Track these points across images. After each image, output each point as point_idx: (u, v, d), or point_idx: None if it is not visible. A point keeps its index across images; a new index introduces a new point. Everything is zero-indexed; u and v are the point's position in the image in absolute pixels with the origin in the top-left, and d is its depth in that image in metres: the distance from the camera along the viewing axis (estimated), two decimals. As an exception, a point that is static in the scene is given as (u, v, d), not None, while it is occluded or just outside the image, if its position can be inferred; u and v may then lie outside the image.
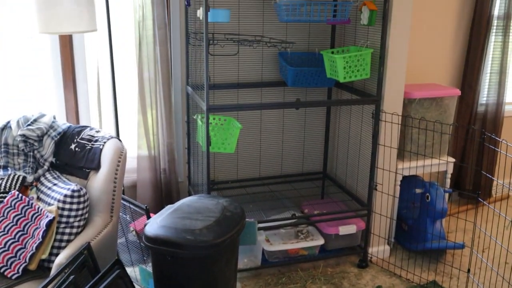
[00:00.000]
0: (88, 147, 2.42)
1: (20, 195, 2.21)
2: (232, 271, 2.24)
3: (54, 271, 2.04)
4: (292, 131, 3.42)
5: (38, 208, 2.19)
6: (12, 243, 2.10)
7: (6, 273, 2.07)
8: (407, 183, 3.26)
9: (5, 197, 2.24)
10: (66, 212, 2.18)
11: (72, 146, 2.45)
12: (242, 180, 3.38)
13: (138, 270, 2.81)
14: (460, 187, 3.91)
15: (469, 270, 3.00)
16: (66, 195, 2.19)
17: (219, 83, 3.15)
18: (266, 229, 2.88)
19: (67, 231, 2.18)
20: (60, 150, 2.47)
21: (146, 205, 2.67)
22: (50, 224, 2.12)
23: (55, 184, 2.32)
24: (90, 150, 2.41)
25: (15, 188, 2.30)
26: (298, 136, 3.45)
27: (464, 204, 3.94)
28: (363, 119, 3.09)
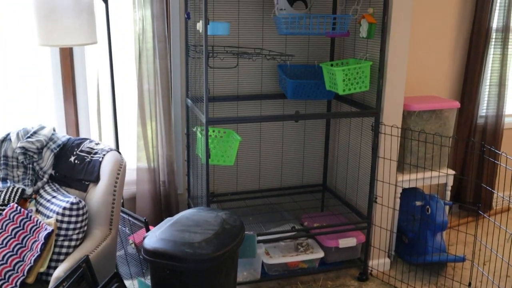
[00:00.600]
0: (88, 160, 2.41)
1: (18, 208, 2.20)
2: (231, 285, 2.22)
3: (52, 284, 2.03)
4: (292, 143, 3.42)
5: (37, 221, 2.18)
6: (10, 256, 2.09)
7: (3, 286, 2.06)
8: (407, 196, 3.25)
9: (3, 209, 2.23)
10: (64, 225, 2.17)
11: (72, 159, 2.45)
12: (241, 193, 3.38)
13: (137, 283, 2.79)
14: (461, 199, 3.90)
15: (470, 284, 2.98)
16: (65, 208, 2.18)
17: (218, 96, 3.16)
18: (265, 241, 2.87)
19: (66, 244, 2.17)
20: (60, 162, 2.47)
21: (145, 217, 2.66)
22: (48, 237, 2.12)
23: (54, 197, 2.31)
24: (89, 162, 2.40)
25: (14, 200, 2.30)
26: (298, 149, 3.45)
27: (464, 217, 3.93)
28: (363, 131, 3.09)
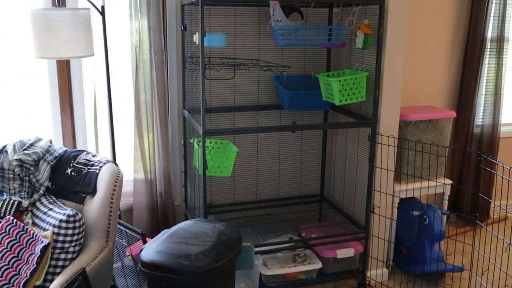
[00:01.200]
0: (84, 172, 2.41)
1: (14, 221, 2.19)
2: (229, 297, 2.21)
3: (48, 298, 2.02)
4: (289, 154, 3.43)
5: (33, 234, 2.17)
6: (6, 269, 2.08)
7: (-1, 300, 2.05)
8: (405, 206, 3.25)
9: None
10: (61, 238, 2.16)
11: (68, 171, 2.44)
12: (239, 204, 3.37)
13: (134, 296, 2.77)
14: (458, 209, 3.90)
15: (468, 294, 2.97)
16: (61, 220, 2.17)
17: (215, 107, 3.17)
18: (263, 253, 2.86)
19: (62, 256, 2.16)
20: (56, 174, 2.46)
21: (142, 229, 2.65)
22: (44, 249, 2.10)
23: (50, 209, 2.30)
24: (86, 174, 2.40)
25: (10, 213, 2.29)
26: (295, 159, 3.45)
27: (462, 226, 3.92)
28: (360, 141, 3.09)
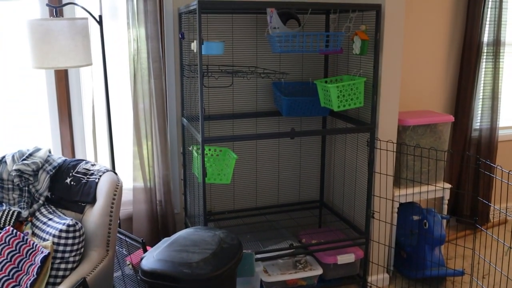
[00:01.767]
0: (84, 181, 2.41)
1: (14, 231, 2.19)
2: (230, 304, 2.20)
3: (48, 308, 2.01)
4: (288, 160, 3.43)
5: (33, 244, 2.16)
6: (6, 280, 2.07)
7: (-1, 311, 2.04)
8: (404, 210, 3.25)
9: (-1, 233, 2.21)
10: (61, 247, 2.16)
11: (68, 180, 2.44)
12: (239, 211, 3.37)
13: (134, 305, 2.76)
14: (458, 213, 3.90)
15: (470, 298, 2.97)
16: (61, 230, 2.17)
17: (214, 114, 3.17)
18: (264, 259, 2.86)
19: (63, 266, 2.16)
20: (56, 184, 2.46)
21: (142, 238, 2.64)
22: (45, 260, 2.10)
23: (50, 219, 2.30)
24: (85, 183, 2.40)
25: (9, 224, 2.28)
26: (294, 165, 3.45)
27: (462, 230, 3.92)
28: (358, 147, 3.10)
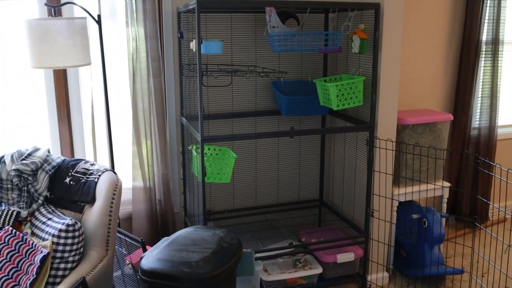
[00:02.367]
0: (83, 181, 2.41)
1: (14, 231, 2.19)
2: (230, 304, 2.21)
3: (48, 308, 2.01)
4: (288, 159, 3.43)
5: (32, 244, 2.16)
6: (5, 280, 2.07)
7: (-1, 311, 2.04)
8: (404, 209, 3.26)
9: (-2, 233, 2.21)
10: (60, 247, 2.16)
11: (67, 180, 2.44)
12: (238, 210, 3.37)
13: (134, 304, 2.76)
14: (457, 211, 3.91)
15: (469, 296, 2.98)
16: (60, 230, 2.17)
17: (213, 113, 3.17)
18: (263, 258, 2.86)
19: (62, 266, 2.15)
20: (55, 184, 2.46)
21: (141, 237, 2.64)
22: (44, 259, 2.10)
23: (49, 219, 2.30)
24: (85, 183, 2.39)
25: (9, 223, 2.28)
26: (294, 164, 3.45)
27: (461, 229, 3.93)
28: (358, 146, 3.10)
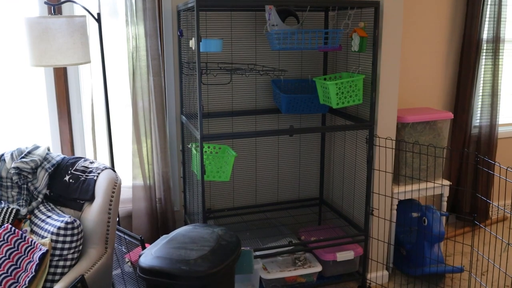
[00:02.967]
0: (82, 179, 2.41)
1: (13, 229, 2.19)
2: (228, 301, 2.21)
3: (47, 305, 2.02)
4: (288, 157, 3.43)
5: (31, 241, 2.17)
6: (4, 277, 2.08)
7: (-2, 308, 2.04)
8: (404, 207, 3.25)
9: (-2, 230, 2.22)
10: (59, 245, 2.16)
11: (66, 178, 2.45)
12: (238, 208, 3.37)
13: (134, 302, 2.76)
14: (457, 210, 3.90)
15: (469, 295, 2.97)
16: (59, 227, 2.17)
17: (213, 112, 3.17)
18: (263, 257, 2.86)
19: (61, 264, 2.16)
20: (54, 182, 2.47)
21: (141, 235, 2.65)
22: (43, 257, 2.10)
23: (48, 217, 2.30)
24: (84, 181, 2.40)
25: (8, 221, 2.29)
26: (294, 163, 3.45)
27: (461, 227, 3.92)
28: (357, 144, 3.10)
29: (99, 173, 2.40)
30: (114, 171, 2.44)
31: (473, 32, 3.57)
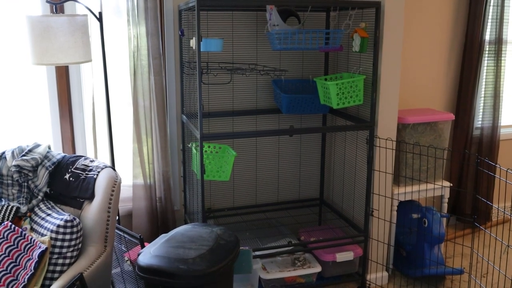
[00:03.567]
0: (82, 177, 2.42)
1: (13, 226, 2.20)
2: (226, 301, 2.21)
3: (46, 303, 2.02)
4: (288, 158, 3.43)
5: (31, 239, 2.18)
6: (3, 275, 2.08)
7: (-3, 305, 2.05)
8: (404, 208, 3.25)
9: (-2, 228, 2.23)
10: (59, 243, 2.17)
11: (67, 176, 2.45)
12: (238, 208, 3.37)
13: (133, 301, 2.77)
14: (459, 211, 3.89)
15: (468, 296, 2.97)
16: (59, 225, 2.18)
17: (214, 111, 3.18)
18: (262, 257, 2.86)
19: (60, 261, 2.17)
20: (55, 180, 2.47)
21: (140, 234, 2.65)
22: (42, 255, 2.11)
23: (48, 215, 2.31)
24: (84, 179, 2.41)
25: (8, 219, 2.30)
26: (294, 163, 3.45)
27: (462, 229, 3.92)
28: (358, 145, 3.10)
29: (99, 171, 2.40)
30: (114, 169, 2.45)
31: (475, 33, 3.56)
